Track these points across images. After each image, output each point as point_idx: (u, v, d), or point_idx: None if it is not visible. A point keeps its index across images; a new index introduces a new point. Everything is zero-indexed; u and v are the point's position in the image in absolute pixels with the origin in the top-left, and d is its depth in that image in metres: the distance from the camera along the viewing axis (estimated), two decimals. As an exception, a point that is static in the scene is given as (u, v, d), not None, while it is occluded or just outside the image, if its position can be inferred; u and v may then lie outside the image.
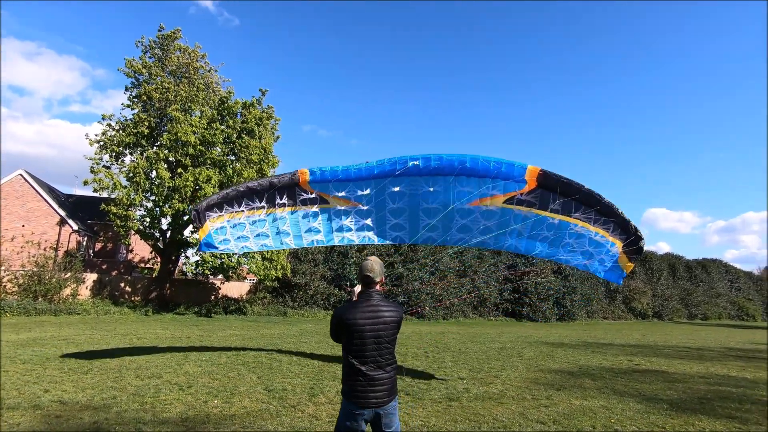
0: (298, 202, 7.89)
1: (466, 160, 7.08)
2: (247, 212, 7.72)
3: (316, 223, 8.21)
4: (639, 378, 8.61)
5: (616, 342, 16.66)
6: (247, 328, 16.26)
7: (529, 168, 7.00)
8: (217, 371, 7.70)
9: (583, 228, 7.31)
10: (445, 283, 27.15)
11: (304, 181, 7.68)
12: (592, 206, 7.11)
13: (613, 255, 7.46)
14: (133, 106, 22.77)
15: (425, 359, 10.15)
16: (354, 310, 2.81)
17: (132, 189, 20.78)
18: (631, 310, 39.12)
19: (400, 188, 7.71)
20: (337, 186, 7.75)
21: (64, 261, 21.22)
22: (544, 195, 7.20)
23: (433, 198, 7.73)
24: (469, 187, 7.38)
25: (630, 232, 7.14)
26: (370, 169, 7.50)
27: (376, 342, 2.75)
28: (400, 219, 8.22)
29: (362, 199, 7.92)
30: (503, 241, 8.11)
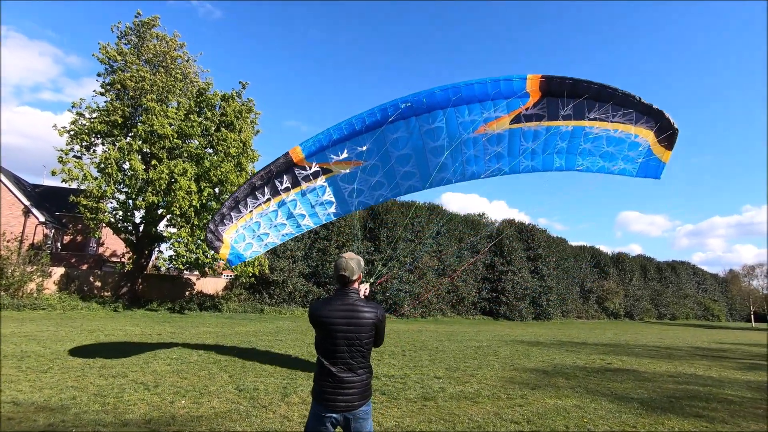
0: (301, 181, 7.48)
1: (460, 87, 6.55)
2: (255, 210, 7.47)
3: (326, 195, 7.81)
4: (611, 377, 8.75)
5: (590, 341, 17.01)
6: (222, 326, 15.90)
7: (528, 78, 6.37)
8: (186, 370, 7.43)
9: (600, 128, 6.60)
10: (424, 282, 27.23)
11: (300, 159, 7.26)
12: (606, 101, 6.35)
13: (642, 148, 6.64)
14: (105, 94, 21.91)
15: (402, 357, 10.09)
16: (328, 306, 2.68)
17: (103, 180, 19.99)
18: (604, 309, 40.16)
19: (399, 133, 7.12)
20: (335, 149, 7.22)
21: (29, 254, 20.31)
22: (551, 103, 6.54)
23: (437, 134, 7.11)
24: (471, 115, 6.80)
25: (657, 116, 6.29)
26: (361, 121, 6.92)
27: (348, 343, 2.61)
28: (408, 166, 7.62)
29: (364, 155, 7.32)
30: (518, 165, 7.56)
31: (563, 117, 6.61)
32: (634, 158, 6.79)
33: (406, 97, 6.73)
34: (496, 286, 31.13)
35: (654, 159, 6.66)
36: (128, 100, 21.84)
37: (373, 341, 2.75)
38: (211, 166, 20.71)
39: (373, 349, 2.84)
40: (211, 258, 21.48)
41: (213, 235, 7.33)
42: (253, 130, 24.25)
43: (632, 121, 6.36)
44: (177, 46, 23.44)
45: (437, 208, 30.98)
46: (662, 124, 6.27)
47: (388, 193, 8.08)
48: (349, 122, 6.96)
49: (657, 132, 6.34)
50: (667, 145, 6.44)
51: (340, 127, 6.99)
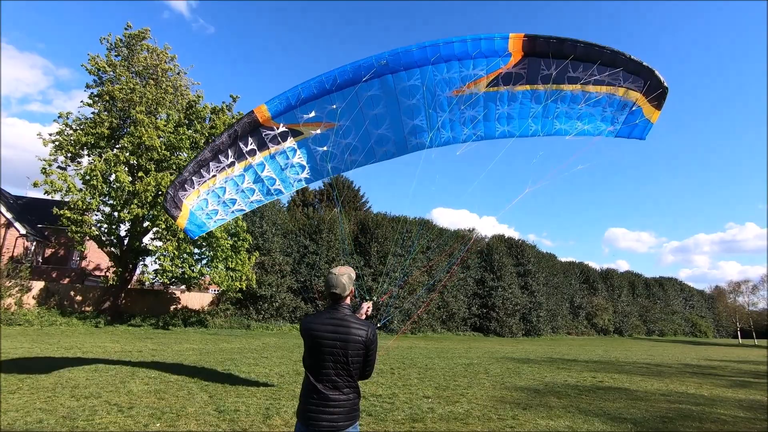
0: (269, 143, 6.86)
1: (440, 45, 6.17)
2: (219, 175, 6.83)
3: (297, 158, 7.19)
4: (603, 396, 8.60)
5: (580, 358, 16.87)
6: (206, 342, 15.45)
7: (511, 37, 6.02)
8: (164, 390, 7.11)
9: (580, 90, 6.32)
10: (414, 298, 26.98)
11: (266, 119, 6.65)
12: (594, 61, 6.03)
13: (626, 108, 6.37)
14: (94, 105, 21.67)
15: (391, 376, 9.84)
16: (317, 320, 2.56)
17: (88, 192, 19.60)
18: (593, 325, 40.17)
19: (373, 91, 6.60)
20: (304, 108, 6.65)
21: (8, 267, 19.69)
22: (532, 63, 6.19)
23: (413, 93, 6.65)
24: (449, 73, 6.40)
25: (647, 74, 5.98)
26: (332, 79, 6.39)
27: (333, 360, 2.47)
28: (382, 128, 7.16)
29: (335, 115, 6.76)
30: (493, 130, 7.19)
31: (542, 79, 6.29)
32: (615, 118, 6.49)
33: (382, 54, 6.30)
34: (486, 301, 30.98)
35: (642, 119, 6.40)
36: (116, 112, 21.61)
37: (361, 362, 2.58)
38: (200, 179, 20.43)
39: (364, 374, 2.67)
40: (198, 272, 21.08)
41: (172, 200, 6.59)
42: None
43: (618, 81, 6.10)
44: (168, 58, 23.38)
45: (428, 223, 30.96)
46: (652, 83, 6.00)
47: (362, 158, 7.51)
48: (319, 80, 6.45)
49: (646, 91, 6.08)
50: (657, 105, 6.16)
51: (309, 84, 6.46)
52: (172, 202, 6.60)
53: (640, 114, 6.30)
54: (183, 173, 6.68)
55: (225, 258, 21.07)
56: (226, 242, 21.02)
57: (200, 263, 21.53)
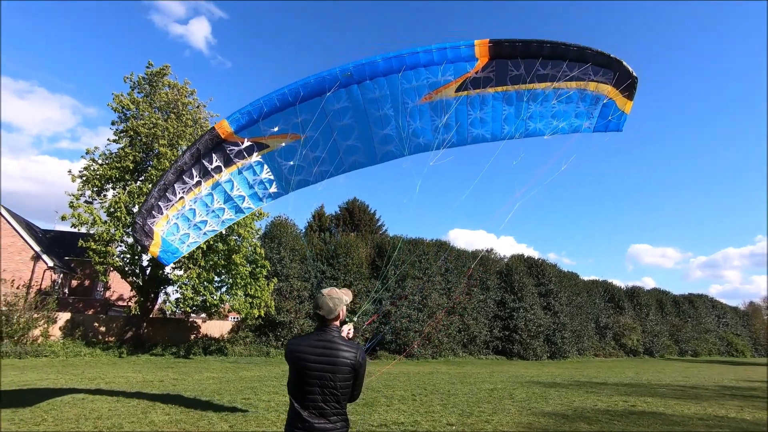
0: (234, 159, 6.62)
1: (405, 56, 6.13)
2: (186, 196, 6.55)
3: (265, 173, 6.96)
4: (636, 421, 8.20)
5: (610, 381, 16.19)
6: (226, 370, 15.42)
7: (476, 44, 6.00)
8: (185, 420, 7.08)
9: (551, 88, 6.25)
10: (435, 321, 26.53)
11: (228, 134, 6.42)
12: (561, 59, 6.00)
13: (599, 102, 6.36)
14: (119, 141, 22.59)
15: (412, 402, 9.59)
16: (303, 342, 2.45)
17: (112, 224, 20.20)
18: (621, 346, 38.64)
19: (341, 103, 6.50)
20: (268, 122, 6.48)
21: (35, 300, 20.22)
22: (500, 65, 6.12)
23: (381, 103, 6.58)
24: (417, 81, 6.34)
25: (615, 66, 6.03)
26: (295, 92, 6.25)
27: (321, 385, 2.35)
28: (351, 139, 7.02)
29: (301, 127, 6.58)
30: (466, 135, 7.12)
31: (511, 80, 6.23)
32: (590, 113, 6.44)
33: (346, 66, 6.22)
34: (508, 323, 30.22)
35: (615, 112, 6.37)
36: (140, 146, 22.45)
37: (350, 386, 2.46)
38: (219, 208, 20.87)
39: (381, 395, 2.61)
40: (219, 299, 21.26)
41: (141, 230, 6.29)
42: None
43: (588, 75, 6.06)
44: (187, 93, 24.34)
45: (444, 244, 30.72)
46: (621, 74, 6.00)
47: (332, 169, 7.34)
48: (282, 93, 6.28)
49: (616, 83, 6.06)
50: (628, 95, 6.17)
51: (272, 98, 6.33)
52: (141, 232, 6.32)
53: (614, 106, 6.27)
54: (148, 199, 6.38)
55: (244, 285, 21.24)
56: (245, 269, 21.23)
57: (220, 291, 21.74)
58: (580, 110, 6.46)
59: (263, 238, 25.20)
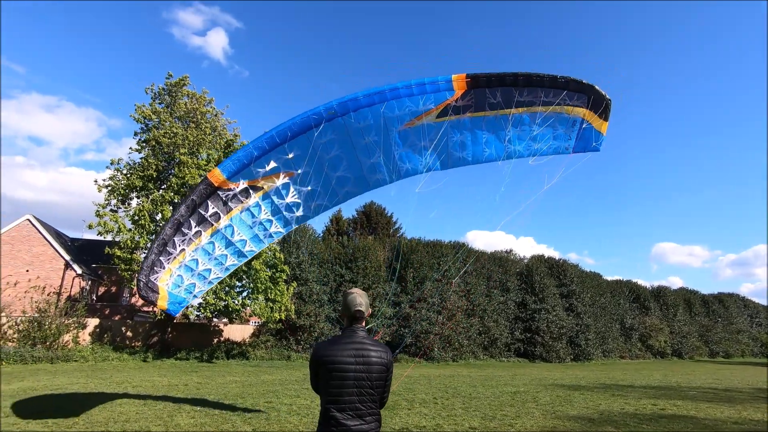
0: (231, 204, 6.78)
1: (386, 92, 6.46)
2: (187, 248, 6.66)
3: (263, 214, 7.09)
4: (666, 425, 7.95)
5: (637, 383, 15.75)
6: (248, 374, 15.61)
7: (453, 78, 6.37)
8: (210, 423, 7.20)
9: (529, 112, 6.54)
10: (454, 323, 26.32)
11: (222, 181, 6.61)
12: (535, 85, 6.33)
13: (576, 125, 6.64)
14: (141, 151, 23.24)
15: (434, 405, 9.52)
16: (335, 346, 2.44)
17: (136, 232, 20.76)
18: (648, 348, 37.58)
19: (327, 137, 6.76)
20: (260, 163, 6.68)
21: (66, 306, 20.92)
22: (478, 93, 6.46)
23: (365, 133, 6.87)
24: (400, 110, 6.65)
25: (588, 91, 6.36)
26: (283, 134, 6.55)
27: (357, 385, 2.36)
28: (341, 170, 7.25)
29: (293, 164, 6.85)
30: (449, 159, 7.39)
31: (490, 106, 6.50)
32: (568, 135, 6.70)
33: (330, 103, 6.55)
34: (529, 325, 29.75)
35: (593, 133, 6.60)
36: (162, 155, 23.05)
37: (383, 386, 2.48)
38: (238, 214, 21.23)
39: (402, 399, 2.61)
40: (240, 304, 21.60)
41: (146, 287, 6.34)
42: (278, 176, 25.00)
43: (564, 100, 6.32)
44: (206, 101, 24.87)
45: (463, 246, 30.48)
46: (595, 98, 6.28)
47: (326, 202, 7.58)
48: (270, 136, 6.59)
49: (591, 106, 6.34)
50: (604, 117, 6.43)
51: (261, 141, 6.57)
52: (146, 288, 6.35)
53: (591, 128, 6.56)
54: (149, 255, 6.45)
55: (264, 289, 21.52)
56: (265, 274, 21.51)
57: (241, 295, 22.08)
58: (558, 132, 6.70)
59: (282, 242, 25.47)
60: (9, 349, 17.52)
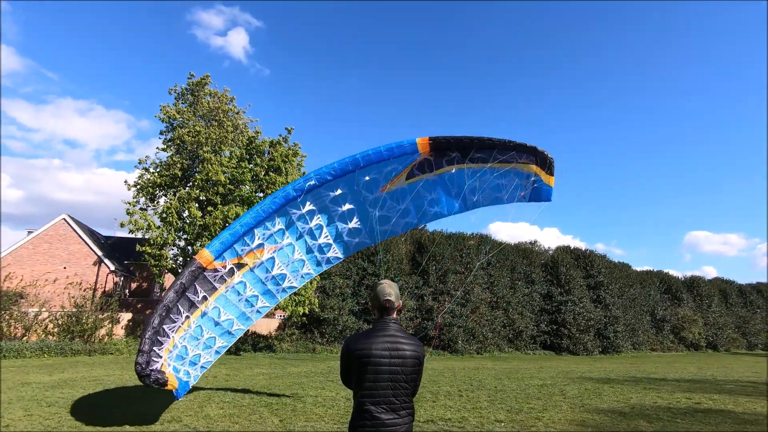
0: (216, 284, 6.96)
1: (359, 158, 6.96)
2: (176, 334, 6.65)
3: (249, 291, 7.32)
4: (702, 419, 7.66)
5: (670, 376, 15.26)
6: (275, 366, 15.92)
7: (417, 140, 6.92)
8: (238, 414, 7.36)
9: (486, 168, 7.23)
10: (478, 315, 26.11)
11: (209, 261, 6.81)
12: (487, 147, 7.03)
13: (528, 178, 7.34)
14: (167, 150, 23.85)
15: (459, 398, 9.47)
16: (367, 340, 2.40)
17: (165, 229, 21.38)
18: (681, 340, 36.38)
19: (307, 207, 7.25)
20: (244, 241, 7.06)
21: (101, 301, 21.79)
22: (439, 154, 7.11)
23: (342, 201, 7.43)
24: (370, 176, 7.20)
25: (532, 152, 7.10)
26: (266, 210, 6.98)
27: (392, 379, 2.33)
28: (321, 238, 7.68)
29: (275, 238, 7.26)
30: (424, 216, 7.92)
31: (448, 162, 7.23)
32: (524, 186, 7.46)
33: (309, 175, 7.15)
34: (555, 317, 29.23)
35: (543, 185, 7.37)
36: (186, 154, 23.59)
37: (416, 379, 2.46)
38: (261, 210, 21.56)
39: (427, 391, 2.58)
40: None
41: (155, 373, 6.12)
42: (299, 172, 25.18)
43: (515, 158, 7.12)
44: (228, 100, 25.26)
45: (486, 238, 30.10)
46: (539, 158, 7.11)
47: (313, 268, 8.03)
48: (256, 214, 6.98)
49: (539, 164, 7.13)
50: (550, 172, 7.23)
51: (246, 219, 6.97)
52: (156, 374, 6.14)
53: (540, 181, 7.30)
54: (142, 346, 6.30)
55: (288, 283, 21.84)
56: (289, 268, 21.80)
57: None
58: (515, 183, 7.44)
59: (305, 237, 25.72)
60: (50, 342, 18.40)
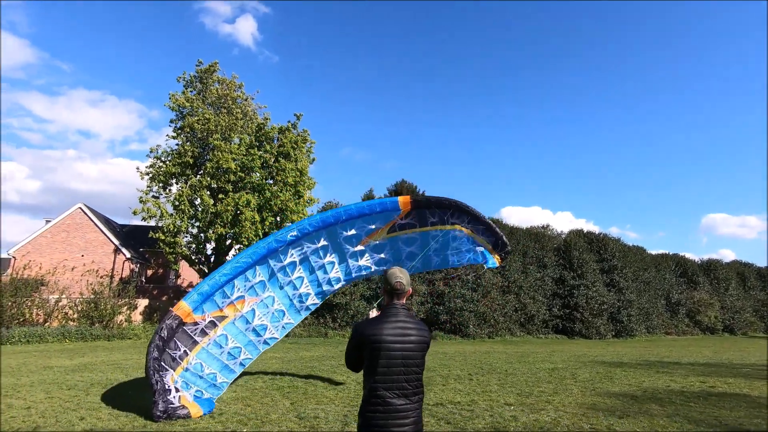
0: (197, 338, 6.86)
1: (341, 213, 7.50)
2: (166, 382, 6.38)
3: (231, 343, 7.29)
4: (717, 403, 7.56)
5: (684, 360, 15.10)
6: (287, 351, 16.17)
7: (400, 199, 7.53)
8: (250, 397, 7.50)
9: (460, 231, 8.10)
10: (489, 300, 26.08)
11: (187, 314, 6.75)
12: (462, 213, 7.93)
13: (485, 251, 8.42)
14: (177, 138, 23.98)
15: (469, 382, 9.50)
16: (379, 325, 2.40)
17: (177, 216, 21.65)
18: (696, 324, 35.95)
19: (288, 258, 7.62)
20: (223, 293, 7.10)
21: (118, 288, 22.31)
22: (420, 213, 7.82)
23: (323, 252, 7.93)
24: (353, 229, 7.76)
25: (495, 235, 8.14)
26: (247, 262, 7.14)
27: (404, 364, 2.35)
28: (301, 288, 8.05)
29: (256, 290, 7.45)
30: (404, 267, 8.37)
31: (431, 223, 7.96)
32: (479, 255, 8.52)
33: (291, 226, 7.51)
34: (567, 301, 29.06)
35: (490, 259, 8.45)
36: (197, 142, 23.70)
37: (423, 363, 2.50)
38: (272, 196, 21.67)
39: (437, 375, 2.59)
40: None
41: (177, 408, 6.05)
42: (309, 158, 25.17)
43: (479, 232, 8.17)
44: (236, 87, 25.18)
45: (497, 222, 29.87)
46: (499, 242, 8.22)
47: (293, 318, 8.22)
48: (236, 263, 7.09)
49: (494, 246, 8.31)
50: (500, 256, 8.44)
51: (226, 271, 7.02)
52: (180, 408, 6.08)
53: (490, 257, 8.49)
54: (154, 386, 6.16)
55: (300, 269, 22.03)
56: (300, 254, 21.95)
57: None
58: (473, 249, 8.49)
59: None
60: (71, 327, 18.95)
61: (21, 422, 5.75)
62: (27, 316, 19.49)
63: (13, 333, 17.14)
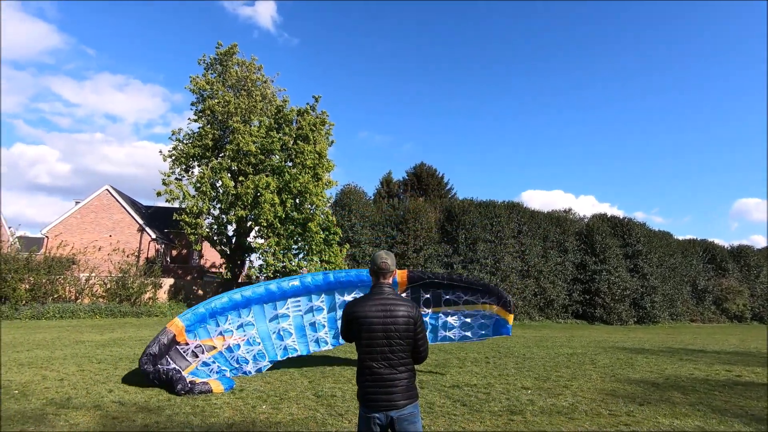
0: (189, 359, 6.97)
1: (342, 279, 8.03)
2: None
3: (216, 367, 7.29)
4: (742, 393, 7.35)
5: (709, 348, 14.72)
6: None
7: (397, 272, 7.65)
8: (269, 375, 7.69)
9: (453, 310, 8.63)
10: (508, 284, 25.89)
11: (180, 331, 6.98)
12: (456, 288, 8.40)
13: (490, 316, 8.70)
14: (198, 121, 24.26)
15: (486, 365, 9.51)
16: (363, 303, 2.63)
17: (199, 198, 22.07)
18: (723, 311, 34.90)
19: (283, 309, 8.00)
20: (216, 321, 7.42)
21: (144, 267, 23.07)
22: (414, 290, 8.34)
23: (317, 311, 8.26)
24: (350, 295, 8.19)
25: (496, 294, 8.64)
26: (246, 297, 7.62)
27: (386, 336, 2.54)
28: (287, 341, 8.14)
29: (245, 329, 7.76)
30: None
31: (423, 302, 8.49)
32: (486, 324, 8.82)
33: (294, 277, 8.12)
34: (589, 287, 28.57)
35: (502, 321, 8.66)
36: (217, 124, 23.93)
37: (412, 338, 2.62)
38: (291, 179, 21.80)
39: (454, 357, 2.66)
40: (297, 265, 22.61)
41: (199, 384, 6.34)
42: (328, 141, 25.13)
43: (479, 300, 8.60)
44: (255, 69, 25.18)
45: (517, 206, 29.38)
46: (501, 299, 8.59)
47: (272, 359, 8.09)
48: (233, 298, 7.51)
49: (500, 305, 8.59)
50: (509, 311, 8.60)
51: (224, 301, 7.44)
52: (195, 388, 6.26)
53: (502, 319, 8.65)
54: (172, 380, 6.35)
55: (319, 251, 22.25)
56: (320, 236, 22.12)
57: (298, 257, 23.02)
58: (479, 322, 8.82)
59: (334, 206, 25.96)
60: (101, 304, 19.77)
61: (54, 393, 6.04)
62: (60, 292, 20.40)
63: (48, 308, 18.00)
